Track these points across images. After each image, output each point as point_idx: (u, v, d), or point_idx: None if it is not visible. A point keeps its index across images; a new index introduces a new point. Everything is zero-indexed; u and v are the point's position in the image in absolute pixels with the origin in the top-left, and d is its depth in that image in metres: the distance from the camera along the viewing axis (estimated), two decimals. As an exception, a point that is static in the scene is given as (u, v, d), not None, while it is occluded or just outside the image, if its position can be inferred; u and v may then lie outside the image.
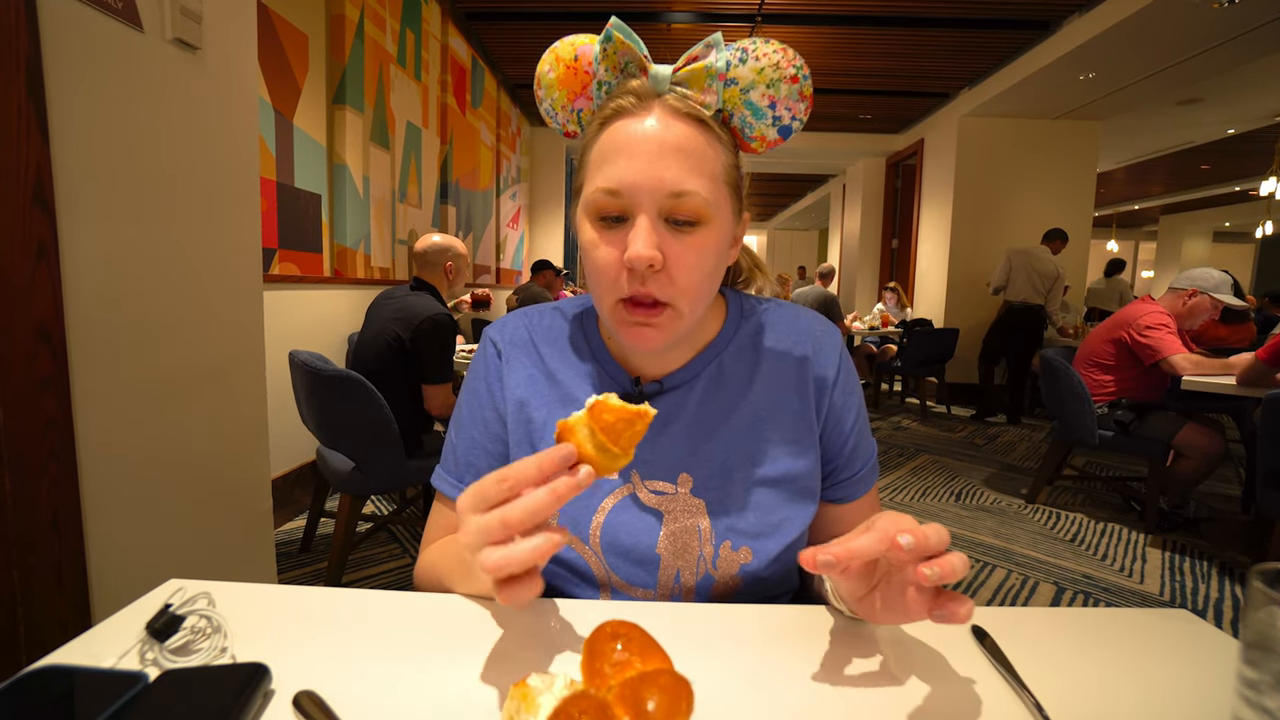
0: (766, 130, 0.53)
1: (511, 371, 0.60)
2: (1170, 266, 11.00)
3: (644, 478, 0.56)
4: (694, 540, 0.55)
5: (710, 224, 0.50)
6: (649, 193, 0.48)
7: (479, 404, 0.61)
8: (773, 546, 0.55)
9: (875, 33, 4.22)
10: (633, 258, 0.47)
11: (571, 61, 0.54)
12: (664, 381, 0.58)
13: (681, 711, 0.30)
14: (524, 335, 0.62)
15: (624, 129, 0.49)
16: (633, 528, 0.55)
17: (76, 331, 0.87)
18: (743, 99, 0.52)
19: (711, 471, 0.56)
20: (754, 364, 0.60)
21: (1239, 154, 6.95)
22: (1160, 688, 0.41)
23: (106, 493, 0.93)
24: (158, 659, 0.39)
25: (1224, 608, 1.86)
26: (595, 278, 0.51)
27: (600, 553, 0.55)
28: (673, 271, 0.49)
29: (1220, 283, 2.37)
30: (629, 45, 0.51)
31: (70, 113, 0.85)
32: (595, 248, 0.50)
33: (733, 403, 0.58)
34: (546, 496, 0.35)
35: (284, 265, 2.34)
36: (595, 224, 0.51)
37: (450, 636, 0.45)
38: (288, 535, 2.19)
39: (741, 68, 0.51)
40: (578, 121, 0.56)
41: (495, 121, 4.99)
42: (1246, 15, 3.22)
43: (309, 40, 2.48)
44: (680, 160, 0.48)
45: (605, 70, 0.52)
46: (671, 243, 0.49)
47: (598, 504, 0.56)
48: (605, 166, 0.49)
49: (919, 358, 4.68)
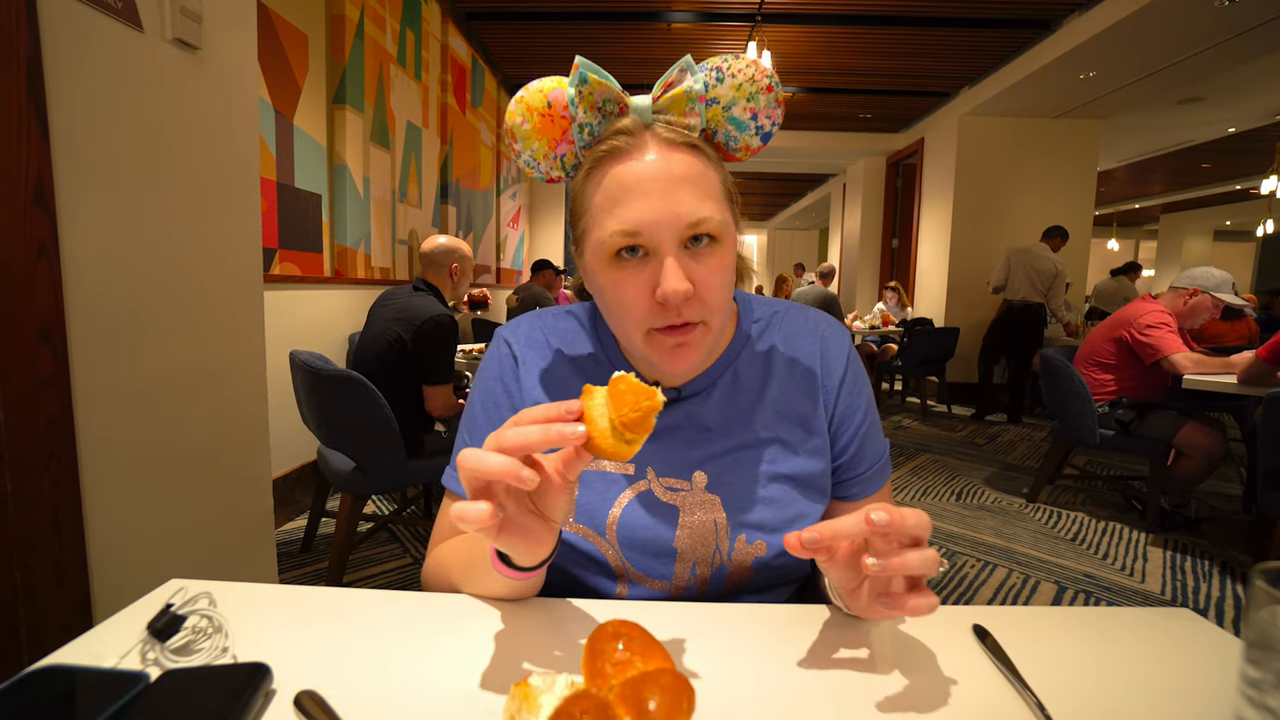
0: (750, 140, 0.55)
1: (529, 373, 0.61)
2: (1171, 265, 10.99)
3: (659, 475, 0.58)
4: (710, 534, 0.56)
5: (724, 241, 0.52)
6: (668, 227, 0.49)
7: (495, 404, 0.61)
8: (782, 535, 0.56)
9: (875, 32, 4.22)
10: (668, 294, 0.48)
11: (545, 109, 0.54)
12: (682, 390, 0.59)
13: (683, 711, 0.30)
14: (540, 337, 0.63)
15: (627, 171, 0.50)
16: (649, 522, 0.56)
17: (77, 331, 0.87)
18: (726, 115, 0.54)
19: (726, 469, 0.58)
20: (766, 369, 0.61)
21: (1240, 152, 6.95)
22: (1163, 687, 0.41)
23: (107, 492, 0.93)
24: (159, 659, 0.39)
25: (1225, 607, 1.86)
26: (622, 315, 0.52)
27: (617, 545, 0.56)
28: (702, 294, 0.51)
29: (1221, 281, 2.37)
30: (605, 84, 0.51)
31: (70, 112, 0.85)
32: (619, 287, 0.51)
33: (747, 407, 0.60)
34: (536, 429, 0.37)
35: (284, 265, 2.34)
36: (615, 264, 0.51)
37: (451, 636, 0.45)
38: (288, 535, 2.19)
39: (720, 86, 0.53)
40: (561, 166, 0.56)
41: (495, 121, 4.99)
42: (1247, 13, 3.22)
43: (309, 40, 2.48)
44: (689, 190, 0.49)
45: (584, 112, 0.52)
46: (695, 268, 0.50)
47: (614, 499, 0.57)
48: (616, 210, 0.50)
49: (919, 357, 4.68)
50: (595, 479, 0.58)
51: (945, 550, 2.24)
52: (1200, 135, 6.26)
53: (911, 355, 4.68)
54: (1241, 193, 9.06)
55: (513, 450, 0.37)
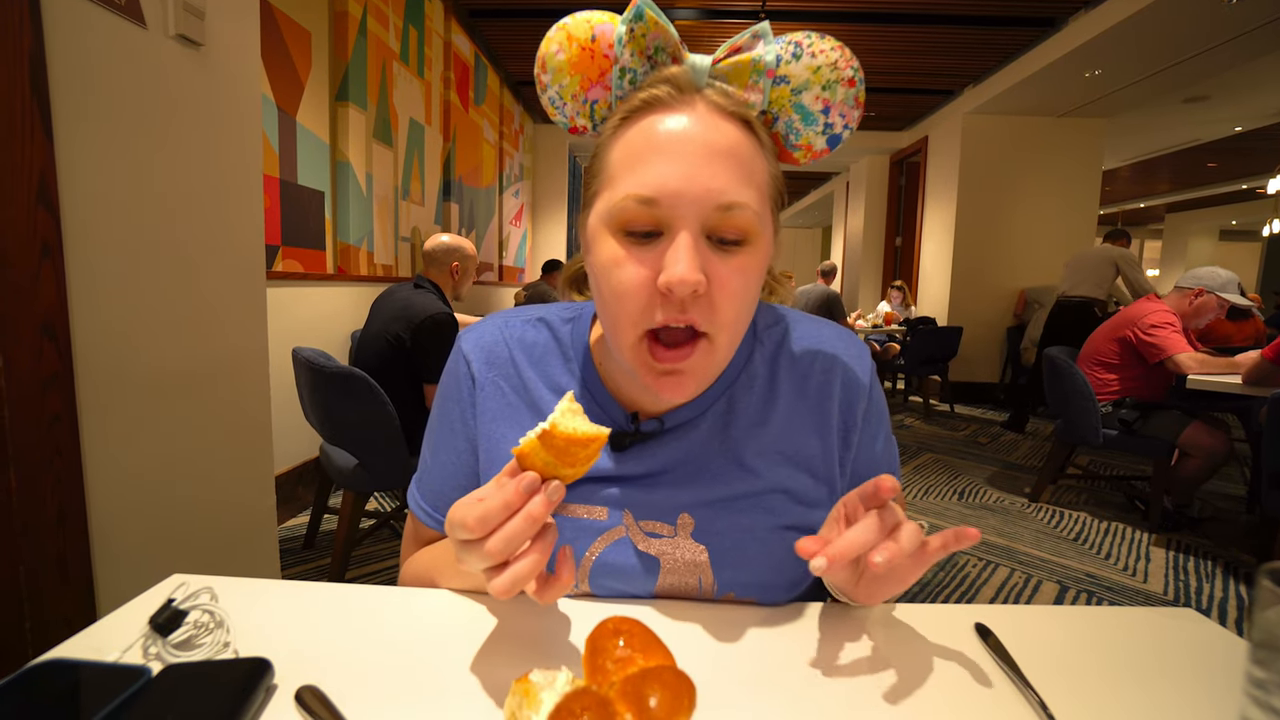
0: (814, 138, 0.47)
1: (487, 399, 0.53)
2: (1176, 265, 10.94)
3: (638, 518, 0.50)
4: (694, 589, 0.49)
5: (757, 243, 0.43)
6: (694, 203, 0.40)
7: (450, 430, 0.55)
8: (781, 597, 0.50)
9: (879, 30, 4.21)
10: (674, 281, 0.40)
11: (588, 42, 0.45)
12: (665, 419, 0.51)
13: (683, 708, 0.30)
14: (503, 353, 0.54)
15: (660, 125, 0.42)
16: (626, 573, 0.49)
17: (81, 328, 0.87)
18: (793, 100, 0.46)
19: (716, 514, 0.50)
20: (769, 397, 0.52)
21: (1246, 151, 6.91)
22: (1166, 687, 0.40)
23: (111, 488, 0.93)
24: (161, 654, 0.39)
25: (1228, 607, 1.85)
26: (617, 305, 0.43)
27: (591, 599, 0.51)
28: (715, 297, 0.42)
29: (1227, 281, 2.36)
30: (663, 27, 0.44)
31: (73, 110, 0.85)
32: (618, 266, 0.42)
33: (743, 442, 0.51)
34: (521, 523, 0.35)
35: (287, 262, 2.34)
36: (620, 238, 0.42)
37: (453, 632, 0.45)
38: (291, 532, 2.20)
39: (794, 64, 0.45)
40: (589, 115, 0.48)
41: (498, 118, 4.99)
42: (1253, 12, 3.20)
43: (312, 37, 2.48)
44: (730, 167, 0.41)
45: (631, 55, 0.44)
46: (715, 264, 0.41)
47: (585, 548, 0.50)
48: (638, 169, 0.41)
49: (922, 356, 4.67)
50: (565, 525, 0.50)
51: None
52: (1206, 134, 6.22)
53: (914, 354, 4.67)
54: (1248, 192, 9.01)
55: (511, 554, 0.35)
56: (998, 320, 5.32)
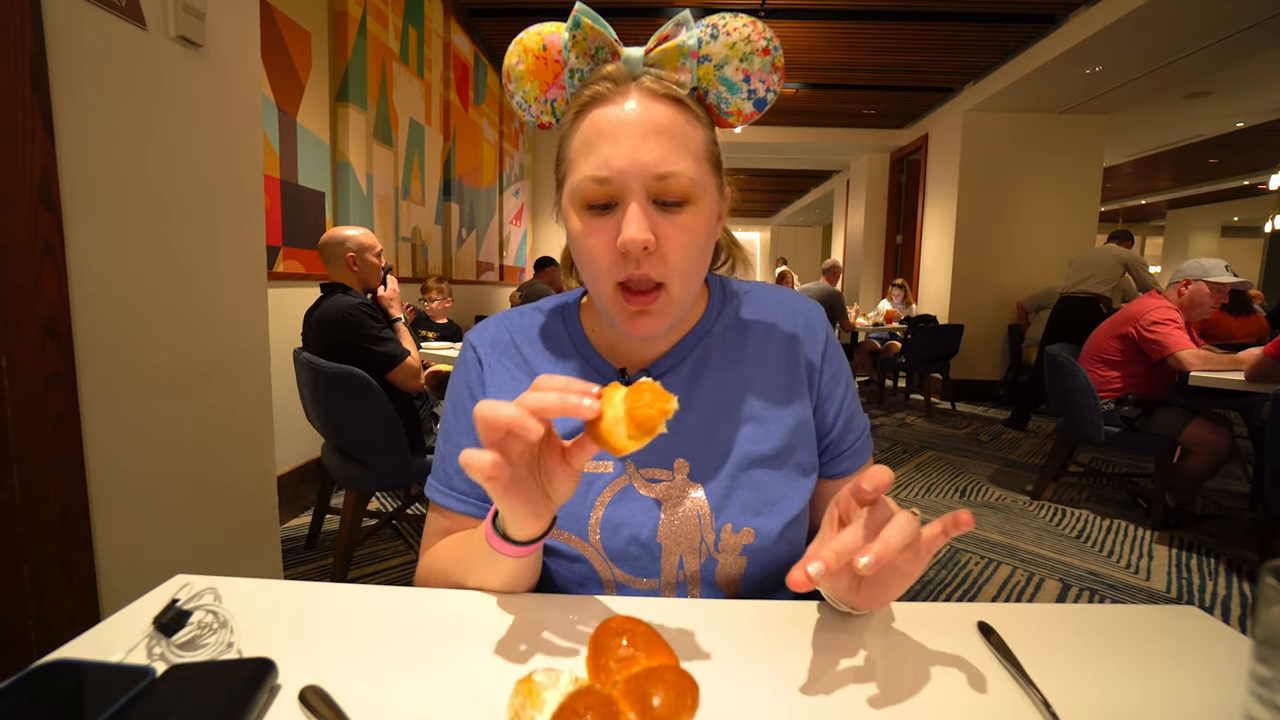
0: (742, 104, 0.54)
1: (494, 375, 0.60)
2: (1178, 262, 10.90)
3: (639, 466, 0.56)
4: (694, 525, 0.55)
5: (698, 202, 0.50)
6: (637, 175, 0.48)
7: (465, 410, 0.60)
8: (774, 524, 0.55)
9: (879, 27, 4.20)
10: (626, 241, 0.47)
11: (540, 51, 0.53)
12: (650, 369, 0.59)
13: (686, 707, 0.30)
14: (505, 337, 0.62)
15: (604, 115, 0.49)
16: (632, 518, 0.55)
17: (83, 328, 0.87)
18: (717, 75, 0.52)
19: (707, 454, 0.56)
20: (740, 344, 0.60)
21: (1248, 147, 6.89)
22: (1169, 685, 0.40)
23: (113, 488, 0.93)
24: (164, 654, 0.39)
25: (1231, 605, 1.85)
26: (589, 267, 0.52)
27: (601, 548, 0.55)
28: (665, 252, 0.50)
29: (1211, 266, 2.35)
30: (599, 30, 0.51)
31: (74, 111, 0.85)
32: (586, 236, 0.50)
33: (722, 384, 0.58)
34: (554, 395, 0.38)
35: (288, 263, 2.34)
36: (583, 213, 0.51)
37: (455, 632, 0.45)
38: (293, 532, 2.20)
39: (713, 44, 0.51)
40: (551, 112, 0.56)
41: (498, 118, 4.99)
42: (1255, 7, 3.19)
43: (312, 37, 2.48)
44: (663, 141, 0.48)
45: (576, 57, 0.52)
46: (662, 224, 0.49)
47: (594, 499, 0.56)
48: (590, 154, 0.49)
49: (923, 354, 4.66)
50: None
51: (949, 547, 2.24)
52: (1208, 130, 6.21)
53: (916, 352, 4.66)
54: (1250, 188, 8.99)
55: (529, 411, 0.38)
56: (999, 318, 5.32)
